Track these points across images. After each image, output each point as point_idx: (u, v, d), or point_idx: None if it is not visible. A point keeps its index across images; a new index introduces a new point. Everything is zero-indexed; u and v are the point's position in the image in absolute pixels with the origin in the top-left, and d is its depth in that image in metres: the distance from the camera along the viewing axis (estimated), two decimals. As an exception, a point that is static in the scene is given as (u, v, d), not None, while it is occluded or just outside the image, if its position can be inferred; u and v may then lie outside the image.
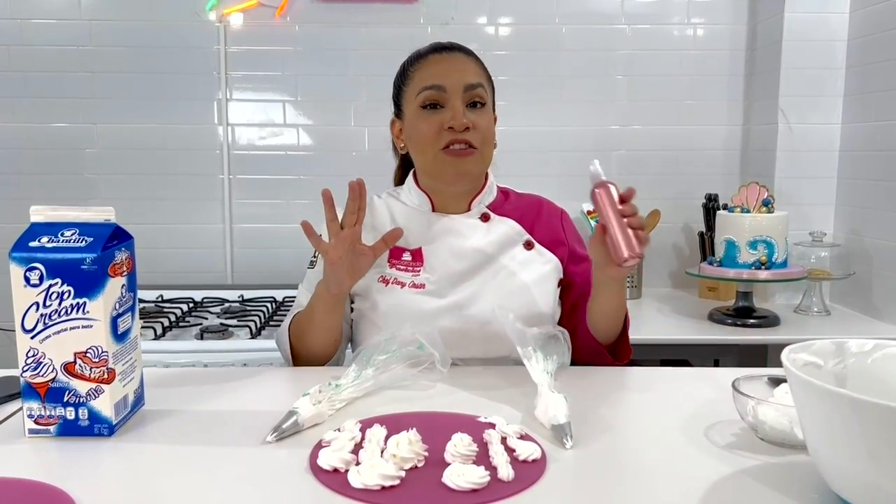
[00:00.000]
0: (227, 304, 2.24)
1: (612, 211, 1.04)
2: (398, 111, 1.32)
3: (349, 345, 1.34)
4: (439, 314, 1.22)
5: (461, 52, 1.28)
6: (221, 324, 1.97)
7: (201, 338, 1.88)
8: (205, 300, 2.28)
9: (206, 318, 2.08)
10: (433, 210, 1.31)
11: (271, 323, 2.02)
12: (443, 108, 1.22)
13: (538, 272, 1.27)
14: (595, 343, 1.23)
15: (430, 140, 1.22)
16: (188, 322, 2.03)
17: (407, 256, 1.27)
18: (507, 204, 1.34)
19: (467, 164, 1.23)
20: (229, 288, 2.39)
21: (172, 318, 2.04)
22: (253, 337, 1.90)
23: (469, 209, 1.30)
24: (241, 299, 2.28)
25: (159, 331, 1.90)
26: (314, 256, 1.31)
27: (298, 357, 1.26)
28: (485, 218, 1.30)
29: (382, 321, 1.23)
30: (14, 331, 0.87)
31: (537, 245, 1.30)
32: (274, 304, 2.22)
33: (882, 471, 0.63)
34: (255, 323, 1.97)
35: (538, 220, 1.34)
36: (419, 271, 1.26)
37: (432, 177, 1.29)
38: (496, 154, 1.32)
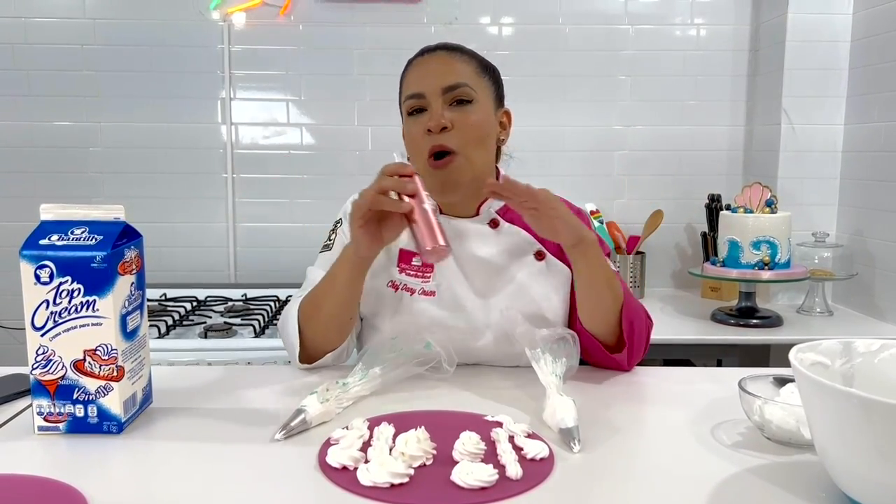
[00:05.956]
0: (230, 303, 2.24)
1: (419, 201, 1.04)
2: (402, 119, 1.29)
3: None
4: (448, 325, 1.21)
5: (444, 51, 1.23)
6: (225, 322, 1.98)
7: (205, 336, 1.88)
8: (208, 299, 2.29)
9: (210, 317, 2.08)
10: (441, 213, 1.27)
11: (274, 322, 2.01)
12: (426, 112, 1.19)
13: (549, 284, 1.24)
14: (588, 336, 1.17)
15: (417, 147, 1.20)
16: (192, 321, 2.03)
17: (417, 261, 1.24)
18: None
19: (450, 173, 1.18)
20: (233, 287, 2.40)
21: (176, 316, 2.05)
22: (256, 336, 1.90)
23: (478, 213, 1.27)
24: (244, 298, 2.29)
25: (163, 329, 1.90)
26: (329, 240, 1.29)
27: (305, 339, 1.17)
28: (494, 224, 1.26)
29: (390, 330, 1.21)
30: (18, 329, 0.88)
31: (548, 255, 1.26)
32: (277, 304, 2.22)
33: (892, 470, 0.63)
34: (259, 322, 1.98)
35: None
36: (429, 278, 1.23)
37: (426, 186, 1.27)
38: (505, 153, 1.31)
